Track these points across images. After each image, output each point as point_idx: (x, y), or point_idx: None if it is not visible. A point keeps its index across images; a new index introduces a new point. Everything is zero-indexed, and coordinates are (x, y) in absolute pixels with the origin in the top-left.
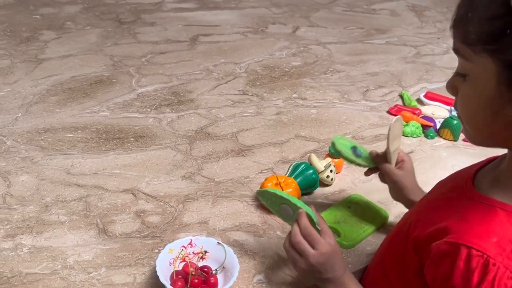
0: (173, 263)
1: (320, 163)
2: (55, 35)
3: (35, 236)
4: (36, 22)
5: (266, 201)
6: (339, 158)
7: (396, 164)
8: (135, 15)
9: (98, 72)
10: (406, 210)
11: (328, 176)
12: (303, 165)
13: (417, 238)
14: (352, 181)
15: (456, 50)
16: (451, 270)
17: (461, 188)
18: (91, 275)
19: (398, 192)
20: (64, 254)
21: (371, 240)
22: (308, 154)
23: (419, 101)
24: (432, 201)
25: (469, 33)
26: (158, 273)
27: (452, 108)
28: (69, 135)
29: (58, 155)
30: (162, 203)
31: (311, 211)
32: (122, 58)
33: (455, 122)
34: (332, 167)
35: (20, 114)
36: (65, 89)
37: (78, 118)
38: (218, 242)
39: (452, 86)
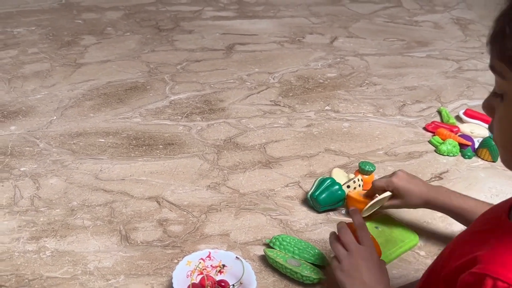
0: (191, 275)
1: (341, 176)
2: (95, 40)
3: (58, 240)
4: (78, 26)
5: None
6: (369, 175)
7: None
8: (174, 22)
9: (133, 78)
10: (438, 232)
11: (348, 186)
12: (328, 181)
13: (447, 272)
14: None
15: (492, 67)
16: None
17: (496, 220)
18: (109, 282)
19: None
20: (85, 259)
21: (398, 263)
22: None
23: (458, 118)
24: (467, 235)
25: (506, 49)
26: (174, 285)
27: None
28: (100, 140)
29: (88, 160)
30: (185, 213)
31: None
32: (158, 65)
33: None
34: (356, 180)
35: (55, 117)
36: (101, 94)
37: (111, 123)
38: (236, 257)
39: (488, 106)
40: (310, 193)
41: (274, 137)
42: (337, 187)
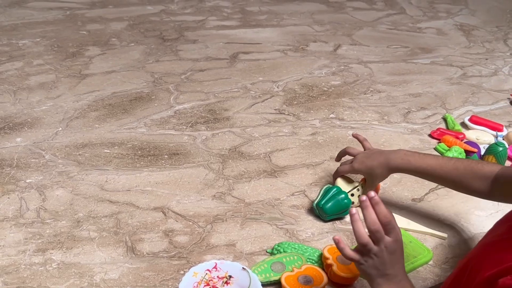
0: (197, 286)
1: (345, 185)
2: (100, 51)
3: (65, 252)
4: (83, 38)
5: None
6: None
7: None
8: (179, 32)
9: (138, 89)
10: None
11: (352, 195)
12: (334, 189)
13: (480, 281)
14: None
15: None
16: None
17: None
18: None
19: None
20: (92, 271)
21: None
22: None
23: (463, 124)
24: (494, 244)
25: None
26: None
27: (498, 133)
28: (106, 150)
29: (93, 171)
30: (191, 223)
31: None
32: (163, 75)
33: (501, 148)
34: (360, 188)
35: (60, 128)
36: (106, 105)
37: (116, 134)
38: (243, 268)
39: None
40: (316, 202)
41: (279, 145)
42: (343, 195)
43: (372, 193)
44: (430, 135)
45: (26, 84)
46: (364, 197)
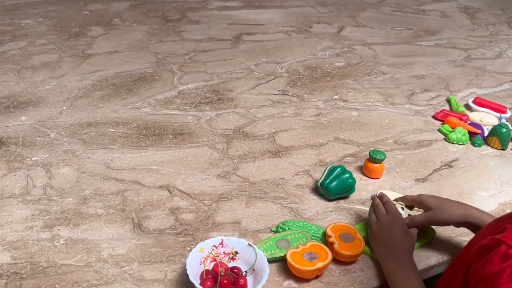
0: (204, 262)
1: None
2: (103, 31)
3: (72, 228)
4: (85, 18)
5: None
6: (379, 163)
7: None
8: (181, 13)
9: (142, 69)
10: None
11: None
12: (339, 169)
13: (477, 247)
14: (391, 187)
15: None
16: (486, 261)
17: None
18: (123, 269)
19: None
20: (99, 247)
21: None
22: (347, 158)
23: (467, 106)
24: (493, 222)
25: None
26: (188, 272)
27: (502, 115)
28: (110, 129)
29: (99, 149)
30: (196, 201)
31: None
32: (166, 56)
33: (504, 130)
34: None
35: (65, 107)
36: (110, 85)
37: (120, 113)
38: (249, 244)
39: None
40: (320, 181)
41: (283, 126)
42: (347, 175)
43: (379, 193)
44: (434, 117)
45: (29, 64)
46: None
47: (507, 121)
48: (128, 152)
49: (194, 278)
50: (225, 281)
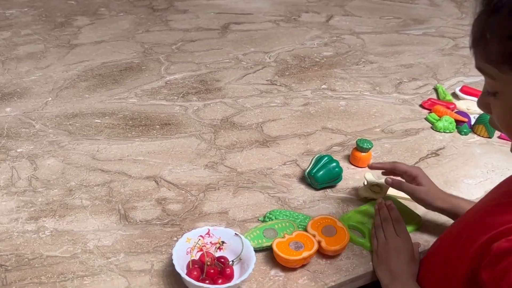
0: (190, 252)
1: (372, 178)
2: (89, 21)
3: (57, 220)
4: (71, 7)
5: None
6: (366, 152)
7: (412, 181)
8: (168, 2)
9: (128, 59)
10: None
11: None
12: (326, 158)
13: (478, 245)
14: (378, 176)
15: (479, 69)
16: (509, 267)
17: None
18: (109, 260)
19: (427, 206)
20: (85, 238)
21: None
22: (334, 147)
23: (454, 95)
24: (489, 209)
25: (490, 53)
26: (174, 262)
27: None
28: (96, 120)
29: (84, 140)
30: (183, 192)
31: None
32: (153, 45)
33: None
34: (381, 190)
35: (50, 98)
36: (95, 75)
37: (107, 104)
38: (235, 233)
39: (484, 104)
40: (307, 170)
41: (271, 116)
42: (334, 164)
43: (389, 202)
44: (421, 105)
45: (14, 54)
46: (380, 200)
47: None
48: (114, 143)
49: (181, 268)
50: (212, 271)
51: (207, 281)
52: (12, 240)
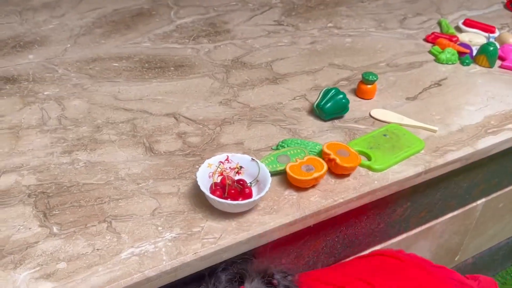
0: (212, 176)
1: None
2: None
3: (89, 153)
4: None
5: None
6: (372, 84)
7: None
8: None
9: (138, 5)
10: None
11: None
12: (333, 91)
13: None
14: (383, 106)
15: None
16: None
17: None
18: (140, 185)
19: None
20: (116, 167)
21: (401, 167)
22: (341, 82)
23: (457, 28)
24: None
25: None
26: (199, 183)
27: (490, 35)
28: (114, 64)
29: (106, 82)
30: (201, 126)
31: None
32: None
33: (491, 48)
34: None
35: (69, 45)
36: (109, 22)
37: (122, 49)
38: (252, 159)
39: None
40: (316, 103)
41: (280, 55)
42: (341, 96)
43: None
44: (425, 39)
45: (30, 5)
46: None
47: (495, 40)
48: (134, 84)
49: (205, 189)
50: (233, 191)
51: (229, 199)
52: (50, 171)
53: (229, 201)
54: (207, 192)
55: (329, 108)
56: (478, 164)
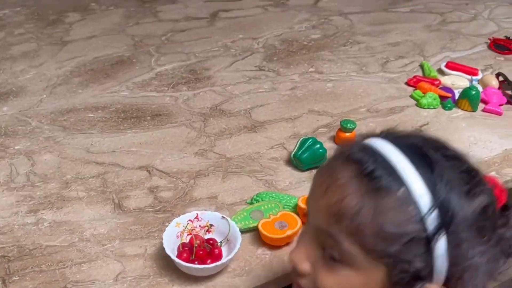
0: (180, 236)
1: None
2: (80, 16)
3: (55, 211)
4: (62, 4)
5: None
6: (350, 132)
7: None
8: None
9: (119, 53)
10: None
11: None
12: (310, 140)
13: None
14: None
15: None
16: None
17: None
18: (105, 247)
19: None
20: (82, 227)
21: None
22: (321, 129)
23: (440, 71)
24: None
25: None
26: (164, 245)
27: (473, 77)
28: (90, 115)
29: (79, 135)
30: (174, 179)
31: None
32: (143, 38)
33: (473, 92)
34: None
35: (44, 95)
36: (88, 70)
37: (99, 98)
38: (222, 216)
39: None
40: (293, 153)
41: (259, 101)
42: (318, 145)
43: None
44: (406, 83)
45: (9, 54)
46: None
47: (478, 83)
48: (108, 135)
49: (171, 252)
50: (201, 252)
51: (197, 262)
52: (14, 233)
53: (195, 265)
54: (172, 256)
55: (306, 158)
56: None
